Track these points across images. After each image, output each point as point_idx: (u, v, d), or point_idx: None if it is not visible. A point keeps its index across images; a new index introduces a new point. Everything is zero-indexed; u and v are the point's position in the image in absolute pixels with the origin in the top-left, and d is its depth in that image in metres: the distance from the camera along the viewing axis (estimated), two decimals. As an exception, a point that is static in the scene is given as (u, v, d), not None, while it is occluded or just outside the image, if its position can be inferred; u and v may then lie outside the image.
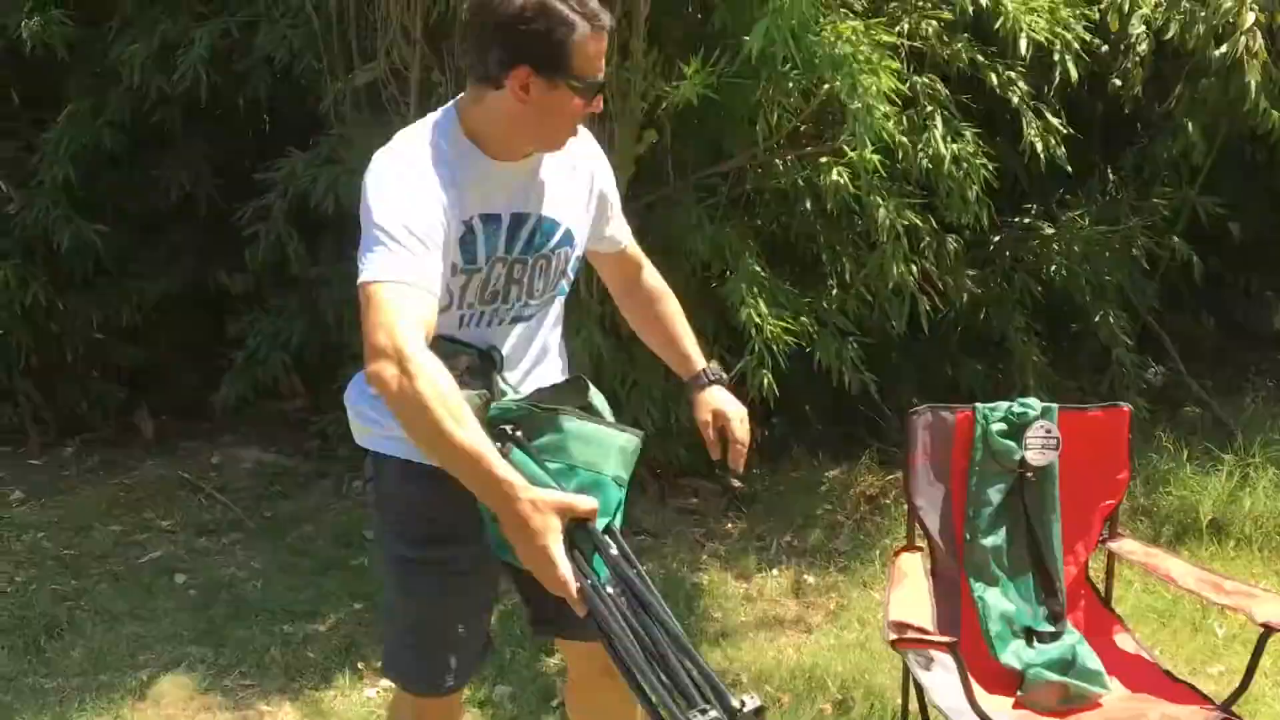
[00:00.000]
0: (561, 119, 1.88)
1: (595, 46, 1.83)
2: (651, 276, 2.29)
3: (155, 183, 4.89)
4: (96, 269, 4.86)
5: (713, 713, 1.44)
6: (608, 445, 1.80)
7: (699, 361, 2.24)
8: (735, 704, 1.45)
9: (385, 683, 3.25)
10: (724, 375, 2.24)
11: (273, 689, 3.24)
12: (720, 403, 2.20)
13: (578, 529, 1.64)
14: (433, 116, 1.94)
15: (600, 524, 1.67)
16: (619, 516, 1.79)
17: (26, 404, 4.99)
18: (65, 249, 4.57)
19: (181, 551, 4.07)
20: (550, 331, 2.10)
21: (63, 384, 5.00)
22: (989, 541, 2.60)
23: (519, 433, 1.77)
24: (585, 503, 1.65)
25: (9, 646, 3.41)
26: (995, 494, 2.60)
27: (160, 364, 5.22)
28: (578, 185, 2.04)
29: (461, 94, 1.91)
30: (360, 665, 3.33)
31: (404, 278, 1.73)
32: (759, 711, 1.46)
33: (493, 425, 1.77)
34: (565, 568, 1.59)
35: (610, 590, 1.60)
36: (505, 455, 1.70)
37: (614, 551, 1.65)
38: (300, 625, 3.56)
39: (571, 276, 2.06)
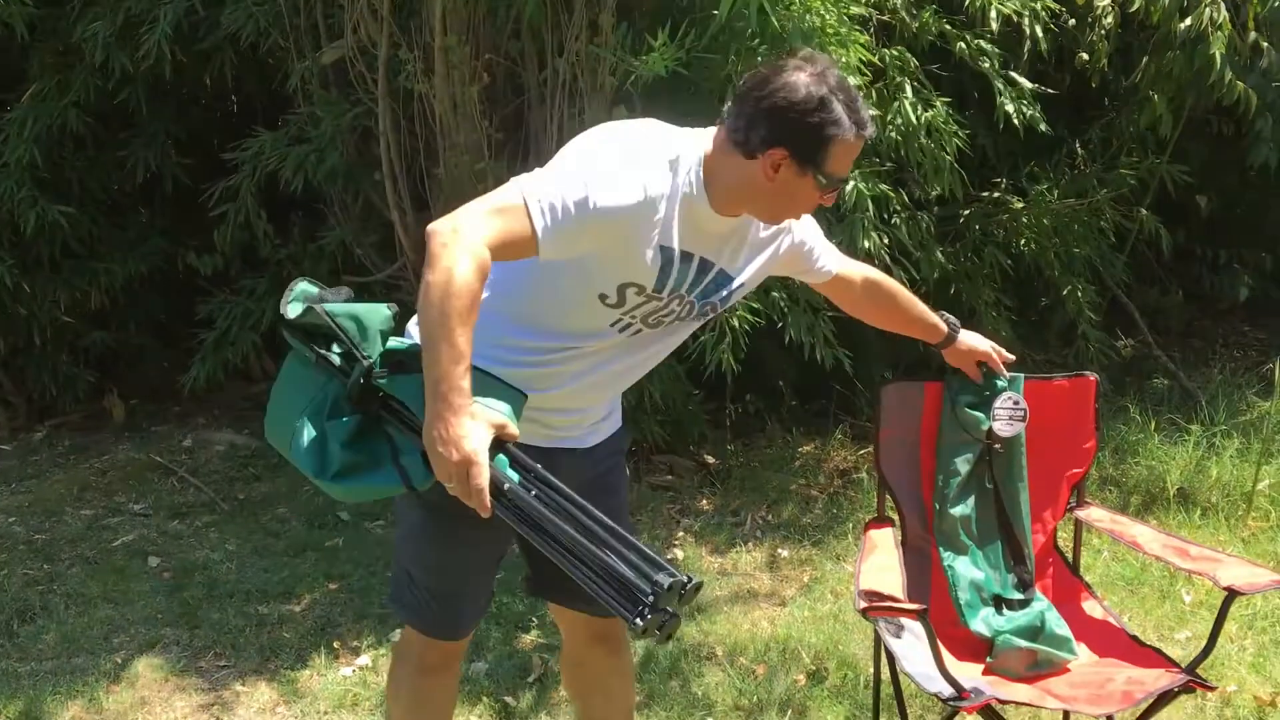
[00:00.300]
0: (796, 204, 1.98)
1: (852, 151, 1.93)
2: (876, 281, 2.45)
3: (120, 163, 4.85)
4: (63, 251, 4.81)
5: (680, 577, 1.61)
6: (497, 390, 1.87)
7: (942, 323, 2.53)
8: (683, 579, 1.63)
9: (361, 661, 3.26)
10: (957, 321, 2.56)
11: (248, 670, 3.24)
12: (977, 343, 2.59)
13: (500, 447, 1.77)
14: (695, 134, 1.97)
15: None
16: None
17: (-5, 388, 4.96)
18: (31, 231, 4.53)
19: (154, 535, 4.05)
20: (676, 344, 2.18)
21: (31, 368, 4.96)
22: (958, 511, 2.62)
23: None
24: (514, 427, 1.79)
25: (-19, 631, 3.41)
26: (963, 464, 2.62)
27: (129, 346, 5.19)
28: (765, 247, 2.11)
29: (722, 129, 1.94)
30: (336, 645, 3.34)
31: (537, 223, 1.79)
32: (698, 586, 1.67)
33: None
34: (485, 474, 1.71)
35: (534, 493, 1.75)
36: None
37: (538, 466, 1.79)
38: (275, 606, 3.56)
39: (720, 308, 2.14)
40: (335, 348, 1.89)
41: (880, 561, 2.45)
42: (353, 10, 3.88)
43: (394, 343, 1.91)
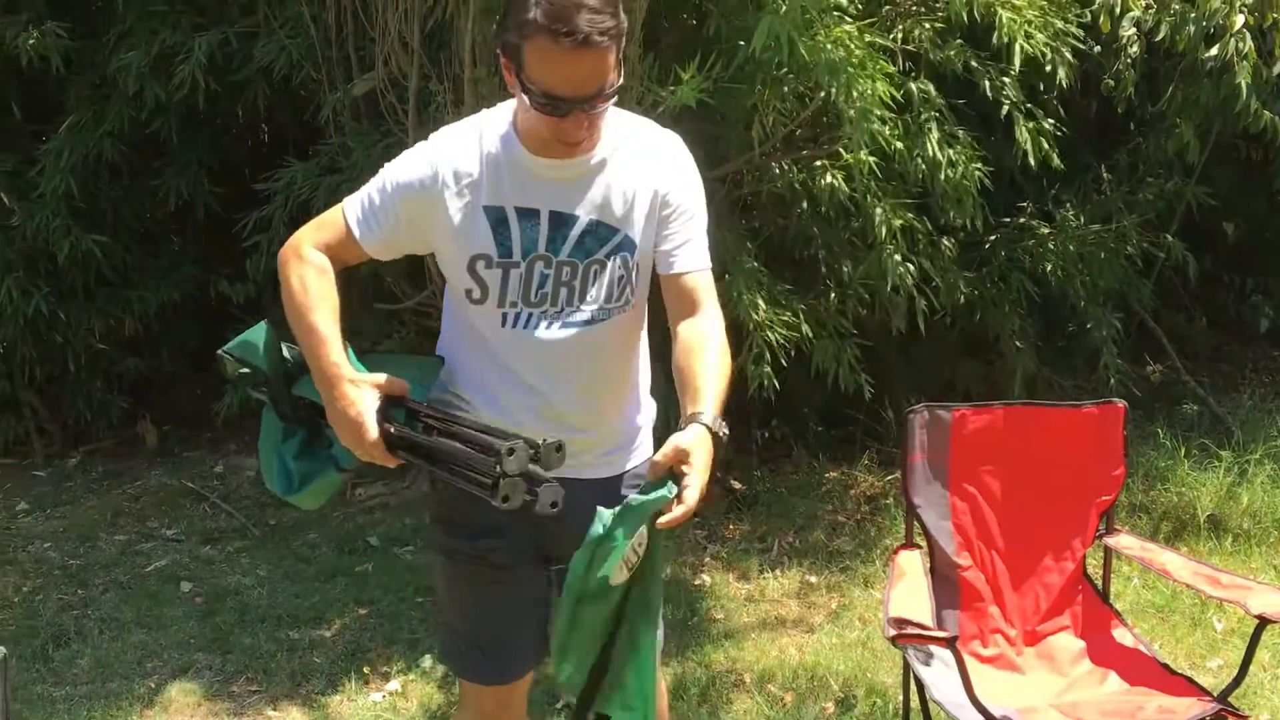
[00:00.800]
0: (534, 118, 1.83)
1: (557, 59, 1.73)
2: (702, 323, 1.97)
3: (153, 192, 4.92)
4: (98, 279, 4.89)
5: (519, 442, 1.71)
6: (407, 362, 2.07)
7: (701, 406, 1.87)
8: (539, 441, 1.73)
9: (391, 686, 3.28)
10: (724, 430, 1.87)
11: (280, 694, 3.27)
12: (689, 442, 1.81)
13: (392, 404, 1.90)
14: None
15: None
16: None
17: (31, 415, 5.01)
18: (66, 260, 4.60)
19: (187, 560, 4.09)
20: (622, 353, 2.07)
21: (66, 395, 5.03)
22: None
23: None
24: (397, 383, 1.92)
25: (17, 656, 3.43)
26: None
27: (162, 373, 5.25)
28: (643, 191, 1.96)
29: None
30: (366, 670, 3.36)
31: (351, 219, 1.97)
32: (559, 446, 1.75)
33: None
34: (373, 428, 1.86)
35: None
36: None
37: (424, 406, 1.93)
38: (306, 631, 3.59)
39: (637, 286, 2.01)
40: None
41: (909, 588, 2.45)
42: (384, 43, 3.94)
43: (289, 350, 2.06)
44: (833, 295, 4.24)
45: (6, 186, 4.64)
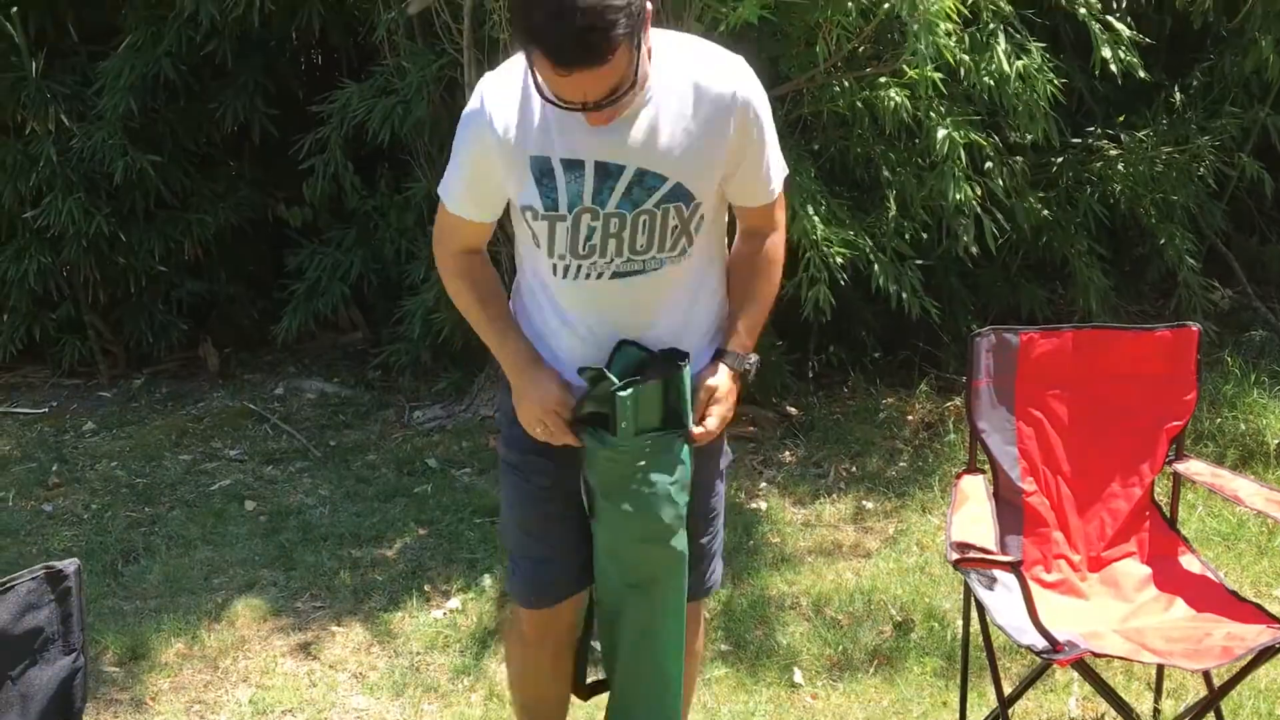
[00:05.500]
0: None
1: (555, 77, 1.70)
2: (763, 239, 2.07)
3: (210, 115, 4.91)
4: (157, 202, 4.91)
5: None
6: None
7: (733, 345, 2.05)
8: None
9: (451, 604, 3.33)
10: (749, 365, 2.07)
11: (342, 611, 3.32)
12: (717, 382, 2.02)
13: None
14: None
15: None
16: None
17: (95, 337, 5.08)
18: (123, 181, 4.62)
19: (250, 479, 4.16)
20: (683, 298, 2.01)
21: (128, 317, 5.09)
22: None
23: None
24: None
25: (88, 570, 3.51)
26: None
27: (221, 296, 5.30)
28: (699, 136, 1.88)
29: None
30: (426, 588, 3.41)
31: (449, 203, 2.02)
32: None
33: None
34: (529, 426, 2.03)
35: None
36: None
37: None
38: (367, 550, 3.64)
39: (695, 236, 1.95)
40: None
41: (972, 513, 2.42)
42: (439, -40, 3.88)
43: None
44: (892, 215, 4.15)
45: (65, 109, 4.65)
